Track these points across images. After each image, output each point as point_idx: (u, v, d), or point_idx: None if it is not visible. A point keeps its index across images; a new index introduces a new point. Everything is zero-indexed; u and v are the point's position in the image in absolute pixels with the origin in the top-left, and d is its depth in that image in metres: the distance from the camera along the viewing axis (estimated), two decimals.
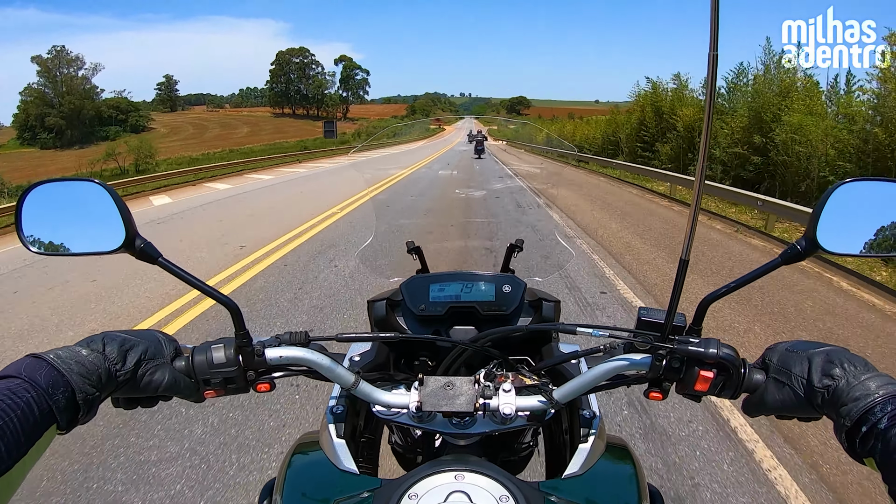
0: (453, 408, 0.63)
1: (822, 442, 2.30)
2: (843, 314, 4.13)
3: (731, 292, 0.61)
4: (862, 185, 0.62)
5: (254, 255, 5.70)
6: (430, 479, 0.56)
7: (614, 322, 3.69)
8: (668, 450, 2.24)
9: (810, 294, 4.57)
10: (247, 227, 7.68)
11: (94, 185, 0.61)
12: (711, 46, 0.49)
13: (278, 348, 0.65)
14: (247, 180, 15.79)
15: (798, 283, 4.86)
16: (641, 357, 0.63)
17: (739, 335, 3.56)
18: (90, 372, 0.52)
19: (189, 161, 34.10)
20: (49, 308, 4.32)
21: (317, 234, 6.75)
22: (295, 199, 10.94)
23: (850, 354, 0.56)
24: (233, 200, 11.01)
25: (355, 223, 7.37)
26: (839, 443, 0.52)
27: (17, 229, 0.63)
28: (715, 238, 6.92)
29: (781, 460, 2.20)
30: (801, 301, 4.35)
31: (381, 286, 1.06)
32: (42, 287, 4.97)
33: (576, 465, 0.66)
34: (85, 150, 37.96)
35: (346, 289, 4.40)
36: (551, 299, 0.89)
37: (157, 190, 13.82)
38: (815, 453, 2.25)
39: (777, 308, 4.14)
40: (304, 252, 5.82)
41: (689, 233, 0.55)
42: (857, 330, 3.81)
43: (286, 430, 2.36)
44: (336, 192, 10.63)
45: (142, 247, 0.60)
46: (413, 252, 1.07)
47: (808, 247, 0.59)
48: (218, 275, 5.02)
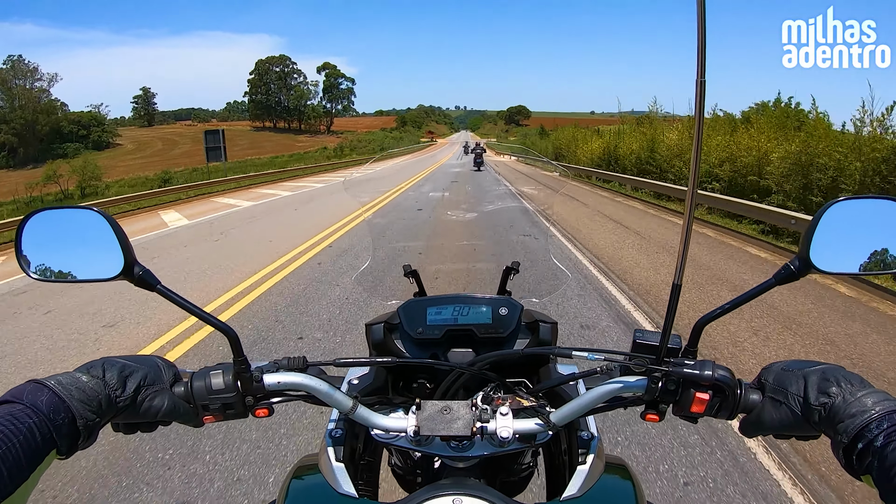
0: (450, 432, 0.63)
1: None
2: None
3: (725, 314, 0.62)
4: (854, 203, 0.62)
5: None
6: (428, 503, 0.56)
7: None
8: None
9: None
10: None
11: (93, 213, 0.62)
12: (699, 73, 0.50)
13: (276, 374, 0.65)
14: (206, 207, 12.62)
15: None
16: (637, 379, 0.63)
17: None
18: (90, 398, 0.53)
19: (143, 182, 29.03)
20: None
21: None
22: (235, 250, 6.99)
23: (845, 372, 0.56)
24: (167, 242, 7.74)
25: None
26: (837, 459, 0.52)
27: (17, 255, 0.64)
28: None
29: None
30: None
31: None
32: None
33: (574, 486, 0.66)
34: (39, 171, 30.49)
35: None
36: (548, 321, 0.89)
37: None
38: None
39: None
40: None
41: (681, 257, 0.56)
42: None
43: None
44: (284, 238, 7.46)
45: (140, 274, 0.60)
46: (410, 275, 1.08)
47: (801, 267, 0.59)
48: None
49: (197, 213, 11.64)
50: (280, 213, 11.05)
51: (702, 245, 6.96)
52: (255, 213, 11.22)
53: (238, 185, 18.47)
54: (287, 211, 11.35)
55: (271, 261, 6.05)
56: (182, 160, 49.82)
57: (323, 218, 9.06)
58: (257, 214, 10.85)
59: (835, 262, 0.61)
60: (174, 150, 61.93)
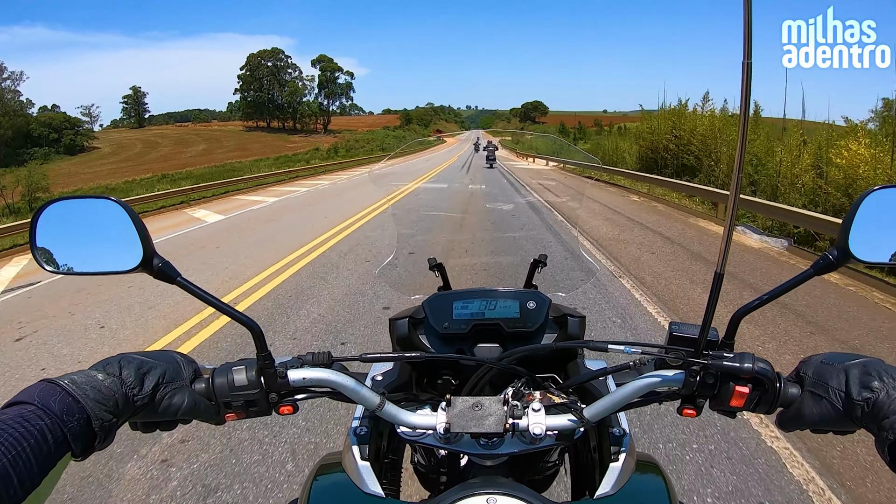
0: (482, 429, 0.61)
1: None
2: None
3: (763, 305, 0.60)
4: (891, 191, 0.61)
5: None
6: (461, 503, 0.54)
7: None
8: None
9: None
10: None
11: (111, 202, 0.60)
12: (745, 54, 0.49)
13: (301, 370, 0.63)
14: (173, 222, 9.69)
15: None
16: (675, 373, 0.61)
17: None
18: (106, 398, 0.51)
19: (104, 191, 21.79)
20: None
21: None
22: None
23: (886, 365, 0.55)
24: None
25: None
26: (881, 457, 0.50)
27: (31, 247, 0.62)
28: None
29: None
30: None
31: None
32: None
33: (607, 484, 0.64)
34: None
35: None
36: (577, 315, 0.88)
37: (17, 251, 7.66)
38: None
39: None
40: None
41: (725, 247, 0.54)
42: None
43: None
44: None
45: (160, 266, 0.58)
46: (435, 269, 1.06)
47: (839, 256, 0.58)
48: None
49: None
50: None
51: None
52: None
53: (192, 198, 13.08)
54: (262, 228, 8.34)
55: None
56: (154, 165, 45.41)
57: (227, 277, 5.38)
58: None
59: (873, 251, 0.59)
60: (151, 154, 57.00)
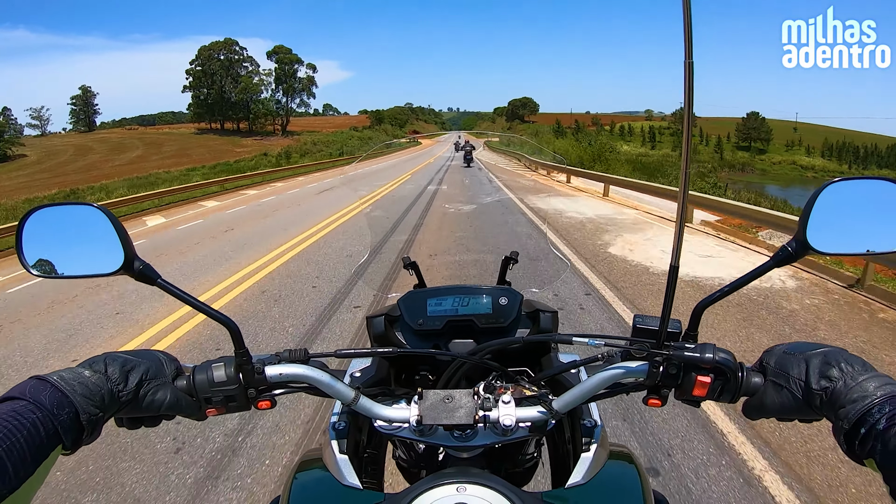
0: (453, 420, 0.63)
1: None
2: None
3: (724, 296, 0.62)
4: (848, 184, 0.62)
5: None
6: (432, 492, 0.56)
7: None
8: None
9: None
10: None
11: (93, 208, 0.62)
12: (686, 54, 0.50)
13: (278, 366, 0.65)
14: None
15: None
16: (638, 365, 0.63)
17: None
18: (93, 393, 0.53)
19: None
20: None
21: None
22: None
23: (847, 355, 0.56)
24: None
25: None
26: (838, 444, 0.52)
27: (18, 252, 0.64)
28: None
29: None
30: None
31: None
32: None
33: (578, 474, 0.66)
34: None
35: None
36: (548, 310, 0.89)
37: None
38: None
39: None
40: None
41: (678, 240, 0.56)
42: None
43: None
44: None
45: (140, 268, 0.60)
46: (409, 267, 1.08)
47: (798, 248, 0.59)
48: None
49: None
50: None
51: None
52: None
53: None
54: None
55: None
56: (71, 176, 37.74)
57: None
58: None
59: (832, 242, 0.60)
60: (78, 162, 48.31)
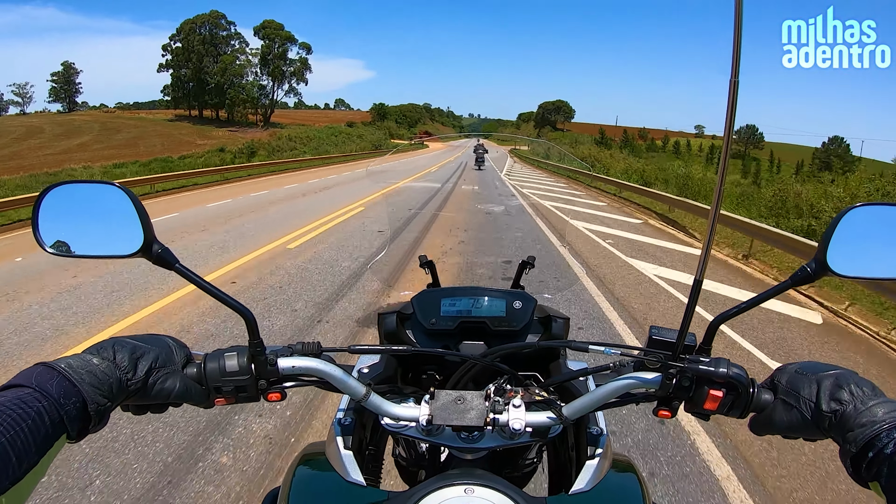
0: (464, 422, 0.63)
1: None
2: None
3: (741, 313, 0.62)
4: (871, 209, 0.62)
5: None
6: (439, 493, 0.56)
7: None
8: None
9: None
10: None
11: (115, 188, 0.61)
12: (733, 73, 0.50)
13: (291, 358, 0.65)
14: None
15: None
16: (652, 375, 0.63)
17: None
18: (101, 382, 0.52)
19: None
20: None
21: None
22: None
23: (858, 378, 0.56)
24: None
25: None
26: (844, 467, 0.52)
27: (34, 229, 0.63)
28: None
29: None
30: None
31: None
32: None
33: (583, 481, 0.66)
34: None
35: None
36: (561, 316, 0.89)
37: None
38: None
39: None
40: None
41: (704, 254, 0.56)
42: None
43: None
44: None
45: (159, 252, 0.60)
46: (425, 266, 1.08)
47: (818, 269, 0.60)
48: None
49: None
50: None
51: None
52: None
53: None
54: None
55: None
56: (8, 162, 31.96)
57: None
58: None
59: (850, 265, 0.61)
60: (11, 147, 40.65)
